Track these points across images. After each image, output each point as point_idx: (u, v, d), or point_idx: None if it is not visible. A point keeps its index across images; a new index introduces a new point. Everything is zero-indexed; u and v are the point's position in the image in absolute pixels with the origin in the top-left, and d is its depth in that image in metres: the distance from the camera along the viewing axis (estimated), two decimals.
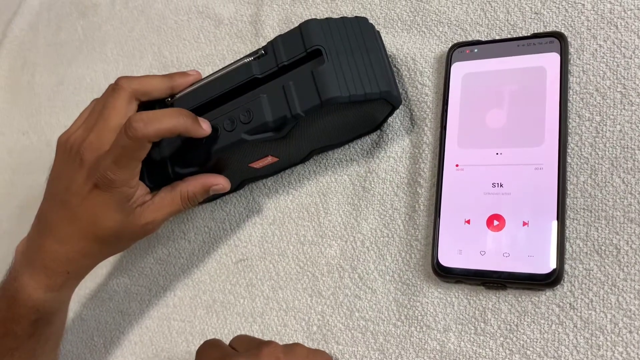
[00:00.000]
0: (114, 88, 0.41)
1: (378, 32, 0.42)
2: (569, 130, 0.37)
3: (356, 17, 0.40)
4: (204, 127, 0.39)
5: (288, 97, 0.37)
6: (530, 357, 0.35)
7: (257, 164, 0.43)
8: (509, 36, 0.41)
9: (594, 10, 0.39)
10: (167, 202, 0.42)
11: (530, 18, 0.40)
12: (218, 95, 0.40)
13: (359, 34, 0.39)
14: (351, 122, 0.41)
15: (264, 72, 0.39)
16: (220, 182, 0.43)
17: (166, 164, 0.41)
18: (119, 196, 0.39)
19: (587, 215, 0.35)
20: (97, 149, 0.39)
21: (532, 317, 0.35)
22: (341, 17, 0.39)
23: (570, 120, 0.37)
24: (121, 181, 0.38)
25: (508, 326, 0.36)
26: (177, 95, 0.42)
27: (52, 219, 0.41)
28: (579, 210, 0.36)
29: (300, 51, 0.38)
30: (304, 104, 0.37)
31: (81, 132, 0.41)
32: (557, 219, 0.35)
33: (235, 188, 0.48)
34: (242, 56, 0.42)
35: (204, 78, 0.42)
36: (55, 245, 0.40)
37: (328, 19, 0.39)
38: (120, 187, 0.38)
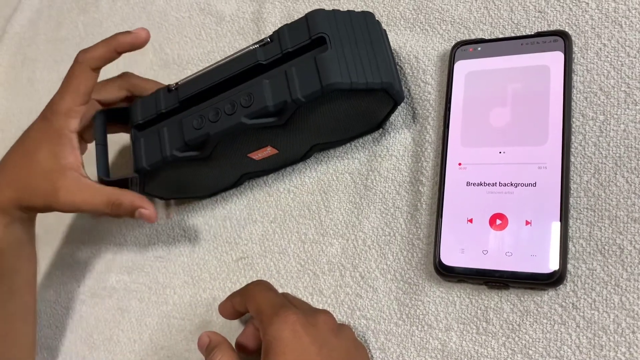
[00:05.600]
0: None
1: (384, 29, 0.42)
2: (573, 130, 0.37)
3: (363, 11, 0.40)
4: (142, 33, 0.42)
5: (289, 82, 0.37)
6: (533, 356, 0.35)
7: (257, 155, 0.43)
8: (513, 35, 0.41)
9: (598, 9, 0.38)
10: (94, 191, 0.43)
11: (534, 16, 0.40)
12: (222, 80, 0.40)
13: (365, 27, 0.39)
14: (352, 117, 0.41)
15: (268, 58, 0.39)
16: (150, 208, 0.44)
17: (165, 146, 0.41)
18: (54, 130, 0.42)
19: (591, 214, 0.35)
20: (56, 102, 0.42)
21: (535, 316, 0.35)
22: (348, 10, 0.39)
23: (574, 119, 0.37)
24: (62, 111, 0.41)
25: (510, 326, 0.36)
26: (182, 81, 0.42)
27: (6, 160, 0.45)
28: (582, 209, 0.36)
29: (305, 38, 0.38)
30: (305, 89, 0.37)
31: None
32: (560, 218, 0.34)
33: (234, 183, 0.48)
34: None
35: (210, 65, 0.42)
36: (3, 182, 0.44)
37: (335, 10, 0.39)
38: (58, 120, 0.41)
